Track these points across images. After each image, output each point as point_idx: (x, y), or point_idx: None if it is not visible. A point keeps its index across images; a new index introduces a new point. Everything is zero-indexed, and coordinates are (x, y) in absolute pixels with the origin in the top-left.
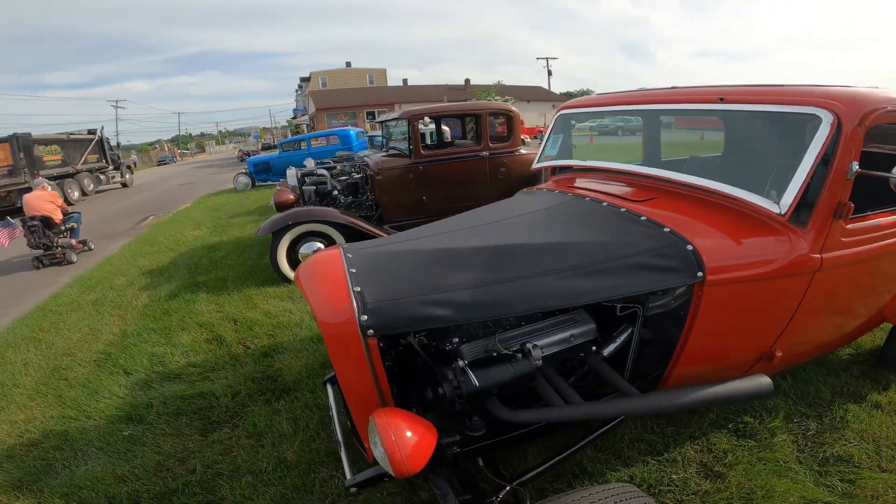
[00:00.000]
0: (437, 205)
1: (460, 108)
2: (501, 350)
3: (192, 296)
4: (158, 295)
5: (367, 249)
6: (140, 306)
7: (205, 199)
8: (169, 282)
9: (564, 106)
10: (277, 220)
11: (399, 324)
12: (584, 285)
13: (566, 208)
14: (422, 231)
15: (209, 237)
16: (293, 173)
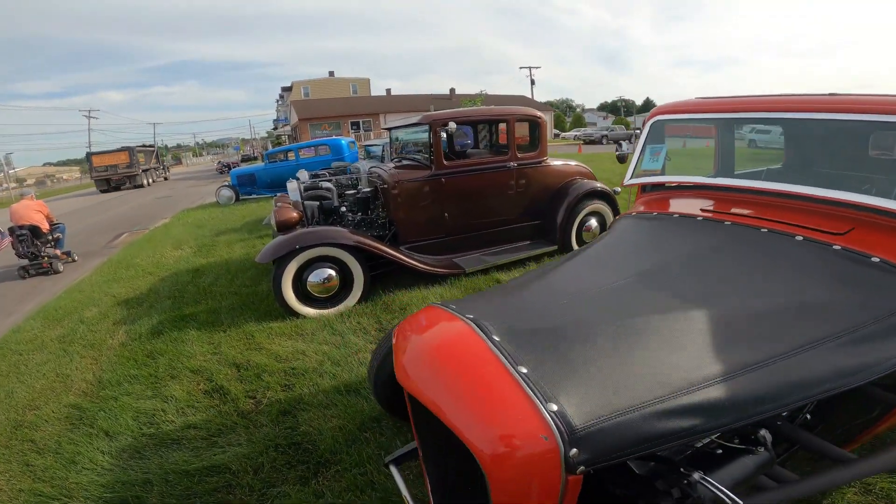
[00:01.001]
0: (459, 222)
1: (488, 112)
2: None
3: (180, 333)
4: (138, 331)
5: (510, 323)
6: (117, 345)
7: (185, 213)
8: (150, 314)
9: (663, 110)
10: (281, 244)
11: (623, 449)
12: (857, 360)
13: (741, 246)
14: (553, 284)
15: (193, 259)
16: (295, 187)
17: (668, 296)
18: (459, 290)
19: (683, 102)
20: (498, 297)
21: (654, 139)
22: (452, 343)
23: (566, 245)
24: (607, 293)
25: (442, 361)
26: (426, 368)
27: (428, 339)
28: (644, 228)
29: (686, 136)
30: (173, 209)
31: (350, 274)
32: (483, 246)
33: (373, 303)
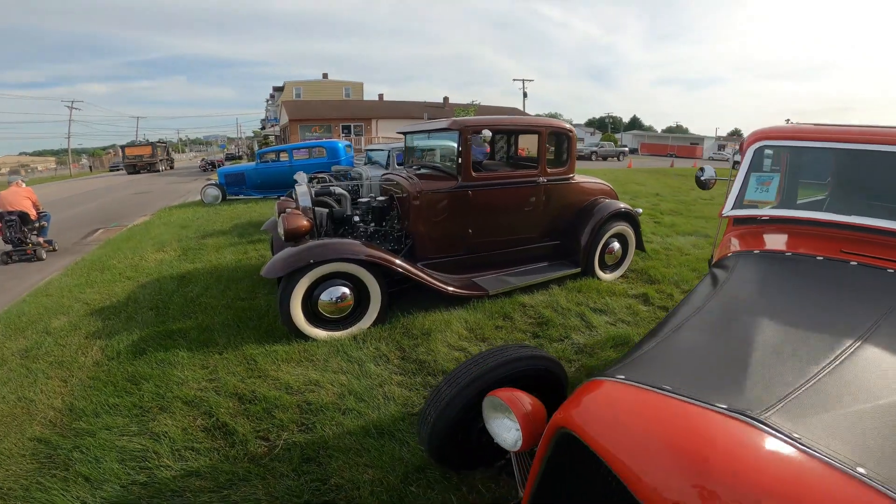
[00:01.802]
0: (482, 239)
1: (520, 122)
2: None
3: (167, 353)
4: (116, 348)
5: (803, 410)
6: (90, 365)
7: (167, 211)
8: (129, 328)
9: (767, 135)
10: (293, 257)
11: None
12: None
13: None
14: (762, 341)
15: (178, 263)
16: (305, 190)
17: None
18: (484, 314)
19: (792, 128)
20: (690, 362)
21: (757, 166)
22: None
23: (588, 268)
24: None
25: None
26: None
27: (681, 446)
28: (780, 275)
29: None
30: (153, 206)
31: (366, 293)
32: (502, 265)
33: (390, 326)
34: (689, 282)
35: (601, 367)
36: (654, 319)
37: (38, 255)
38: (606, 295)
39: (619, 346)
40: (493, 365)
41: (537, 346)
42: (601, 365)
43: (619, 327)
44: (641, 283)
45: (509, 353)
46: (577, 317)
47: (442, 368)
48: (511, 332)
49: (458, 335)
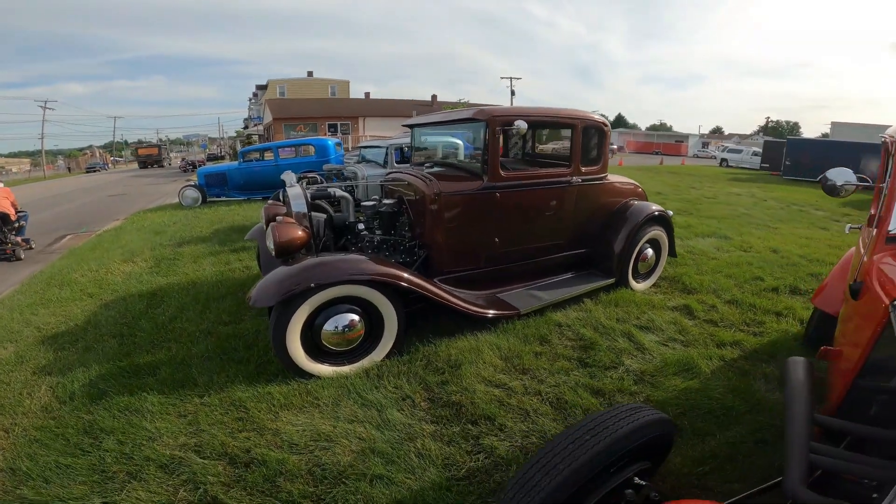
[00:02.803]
0: (509, 248)
1: (552, 113)
2: None
3: (134, 397)
4: (70, 388)
5: None
6: (37, 410)
7: (140, 215)
8: (87, 362)
9: None
10: (289, 280)
11: None
12: None
13: None
14: None
15: (148, 277)
16: (299, 192)
17: None
18: (517, 338)
19: None
20: None
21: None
22: None
23: (623, 278)
24: None
25: None
26: None
27: None
28: None
29: None
30: (127, 209)
31: (379, 319)
32: (527, 278)
33: (409, 357)
34: (727, 290)
35: (672, 402)
36: (707, 337)
37: (17, 254)
38: (646, 308)
39: (683, 371)
40: (603, 448)
41: (645, 404)
42: (671, 399)
43: (673, 348)
44: (678, 293)
45: (619, 428)
46: (623, 337)
47: (483, 413)
48: (553, 359)
49: (492, 366)
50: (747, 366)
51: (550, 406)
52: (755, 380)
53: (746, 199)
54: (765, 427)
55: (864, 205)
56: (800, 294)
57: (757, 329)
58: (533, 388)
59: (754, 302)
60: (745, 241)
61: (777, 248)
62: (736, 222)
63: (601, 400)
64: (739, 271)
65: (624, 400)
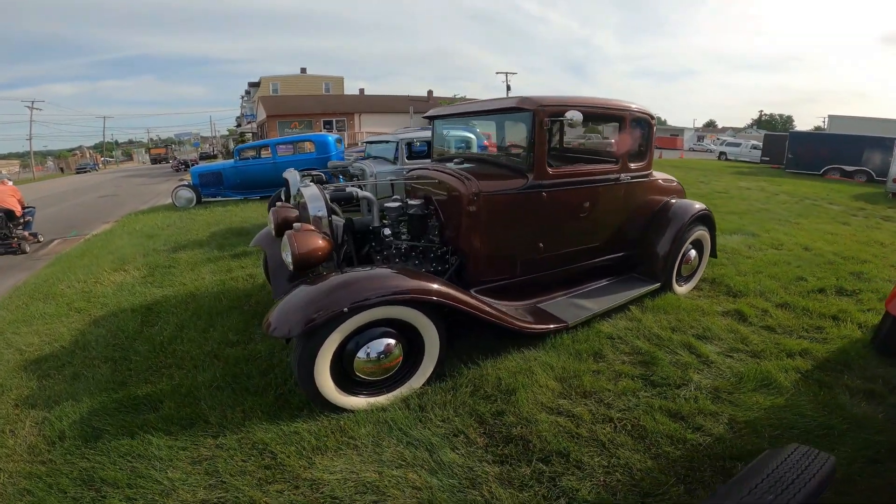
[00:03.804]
0: (554, 253)
1: (599, 103)
2: None
3: (135, 440)
4: (58, 425)
5: None
6: (23, 452)
7: (133, 217)
8: (76, 392)
9: None
10: (316, 303)
11: None
12: None
13: None
14: None
15: (142, 288)
16: (317, 194)
17: None
18: (568, 355)
19: None
20: None
21: None
22: None
23: (668, 281)
24: None
25: None
26: None
27: None
28: None
29: None
30: (119, 211)
31: (418, 341)
32: (567, 285)
33: (452, 382)
34: (774, 293)
35: (763, 423)
36: (772, 346)
37: (22, 248)
38: (697, 315)
39: (762, 387)
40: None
41: (807, 445)
42: (760, 419)
43: (741, 360)
44: (724, 297)
45: (805, 483)
46: (682, 348)
47: (554, 448)
48: (614, 378)
49: (549, 390)
50: (826, 377)
51: (628, 435)
52: (840, 392)
53: (757, 193)
54: (871, 445)
55: (876, 198)
56: (846, 295)
57: (818, 335)
58: (601, 413)
59: (806, 305)
60: (774, 238)
61: (808, 246)
62: (756, 218)
63: (683, 424)
64: (780, 271)
65: (707, 422)
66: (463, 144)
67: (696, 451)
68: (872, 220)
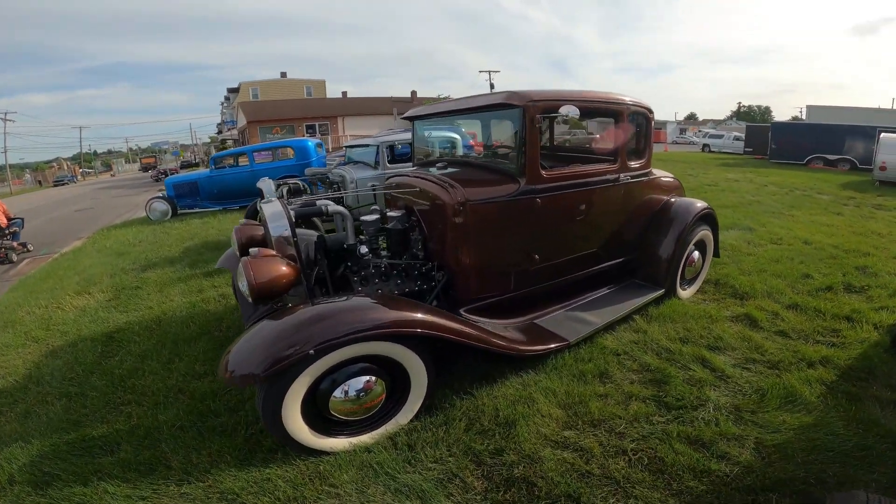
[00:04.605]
0: (549, 264)
1: (595, 97)
2: None
3: (86, 489)
4: (8, 468)
5: None
6: None
7: (104, 233)
8: (27, 431)
9: None
10: (277, 346)
11: None
12: None
13: None
14: None
15: (105, 314)
16: (280, 211)
17: None
18: (571, 377)
19: None
20: None
21: None
22: None
23: (672, 287)
24: None
25: None
26: None
27: None
28: None
29: None
30: (93, 225)
31: (403, 376)
32: (565, 296)
33: (443, 416)
34: (782, 293)
35: (794, 446)
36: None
37: (10, 258)
38: (705, 322)
39: (787, 404)
40: None
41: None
42: (790, 442)
43: (758, 371)
44: (730, 300)
45: None
46: (695, 362)
47: (563, 491)
48: (624, 401)
49: (553, 420)
50: (853, 388)
51: (645, 469)
52: (871, 405)
53: (746, 184)
54: None
55: (863, 187)
56: (855, 292)
57: (835, 339)
58: (613, 445)
59: (817, 306)
60: (772, 231)
61: (807, 239)
62: (750, 211)
63: (705, 453)
64: (784, 269)
65: (731, 449)
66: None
67: (724, 484)
68: (864, 209)
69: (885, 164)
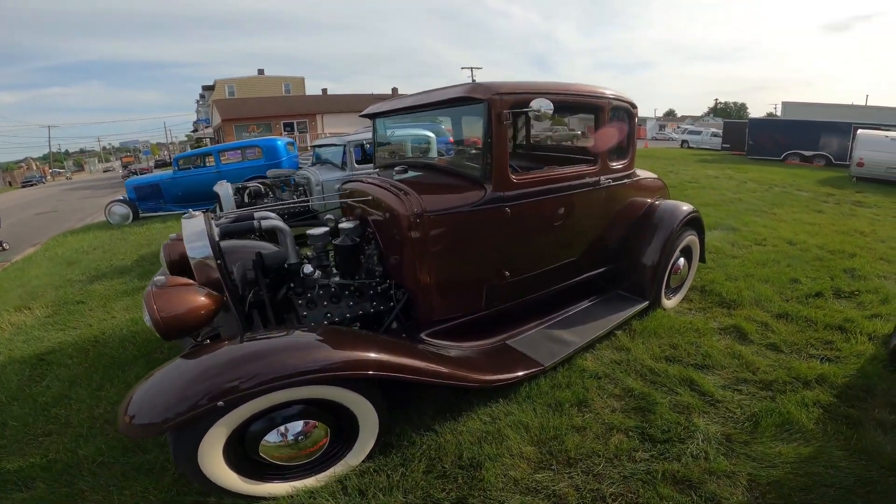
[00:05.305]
0: (521, 277)
1: (573, 89)
2: None
3: None
4: None
5: None
6: None
7: (60, 239)
8: None
9: None
10: (181, 391)
11: None
12: None
13: None
14: None
15: (40, 332)
16: (200, 230)
17: None
18: (544, 406)
19: None
20: None
21: None
22: None
23: (656, 297)
24: None
25: None
26: None
27: None
28: None
29: None
30: (53, 230)
31: (349, 418)
32: (540, 313)
33: (400, 455)
34: (770, 301)
35: (791, 482)
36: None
37: None
38: (691, 335)
39: (782, 432)
40: None
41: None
42: (787, 479)
43: (750, 393)
44: (717, 309)
45: None
46: (682, 384)
47: None
48: (604, 434)
49: (524, 460)
50: (852, 410)
51: None
52: (873, 430)
53: (726, 181)
54: None
55: (841, 183)
56: (845, 298)
57: (829, 353)
58: (591, 489)
59: (808, 314)
60: (755, 231)
61: (792, 240)
62: (732, 209)
63: (693, 496)
64: (771, 273)
65: (722, 489)
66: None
67: None
68: (845, 206)
69: (862, 160)
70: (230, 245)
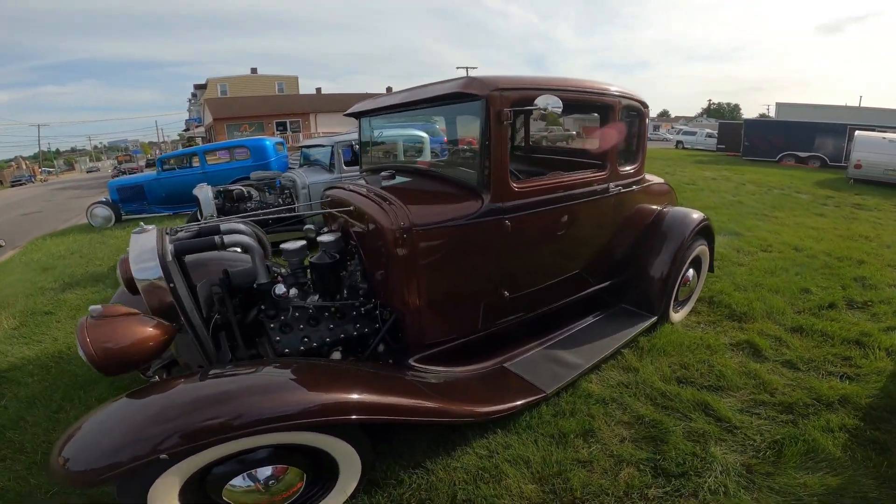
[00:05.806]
0: (521, 294)
1: (580, 86)
2: None
3: None
4: None
5: None
6: None
7: (39, 242)
8: None
9: None
10: (122, 438)
11: None
12: None
13: None
14: None
15: (5, 346)
16: (149, 246)
17: None
18: (546, 437)
19: None
20: None
21: None
22: None
23: (665, 312)
24: None
25: None
26: None
27: None
28: None
29: None
30: (36, 232)
31: (328, 461)
32: (541, 331)
33: (389, 495)
34: (782, 313)
35: None
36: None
37: None
38: (703, 353)
39: (807, 461)
40: None
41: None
42: None
43: (769, 417)
44: (727, 323)
45: None
46: (696, 409)
47: None
48: (612, 468)
49: (525, 500)
50: (879, 434)
51: None
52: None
53: (724, 183)
54: None
55: (838, 185)
56: (858, 309)
57: (849, 370)
58: None
59: (823, 328)
60: (759, 237)
61: (797, 246)
62: (733, 213)
63: None
64: (780, 282)
65: None
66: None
67: None
68: (845, 209)
69: (860, 162)
70: (196, 259)
